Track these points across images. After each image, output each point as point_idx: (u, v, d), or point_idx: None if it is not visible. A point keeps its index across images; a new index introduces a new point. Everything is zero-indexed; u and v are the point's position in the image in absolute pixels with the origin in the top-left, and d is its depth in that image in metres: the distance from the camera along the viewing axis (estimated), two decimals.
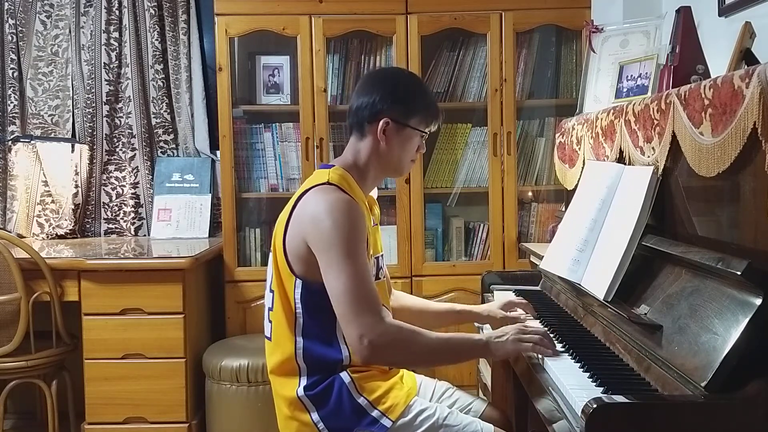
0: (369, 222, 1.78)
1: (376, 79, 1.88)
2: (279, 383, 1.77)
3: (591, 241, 1.95)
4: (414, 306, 2.13)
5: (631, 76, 2.33)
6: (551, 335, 1.81)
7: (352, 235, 1.63)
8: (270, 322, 1.79)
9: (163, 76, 3.58)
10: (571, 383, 1.51)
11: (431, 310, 2.13)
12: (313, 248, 1.66)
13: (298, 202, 1.73)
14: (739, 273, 1.31)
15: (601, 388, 1.45)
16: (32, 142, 3.53)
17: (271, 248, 1.78)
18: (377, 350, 1.60)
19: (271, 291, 1.77)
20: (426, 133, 1.85)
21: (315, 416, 1.71)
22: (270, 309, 1.78)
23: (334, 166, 1.80)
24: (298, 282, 1.71)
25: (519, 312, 2.08)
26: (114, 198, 3.64)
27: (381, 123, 1.77)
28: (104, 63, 3.55)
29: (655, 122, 1.73)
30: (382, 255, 1.90)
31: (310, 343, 1.72)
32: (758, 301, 1.29)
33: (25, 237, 3.51)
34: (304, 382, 1.72)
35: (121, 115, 3.62)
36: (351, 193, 1.73)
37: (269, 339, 1.80)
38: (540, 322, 2.01)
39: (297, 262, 1.71)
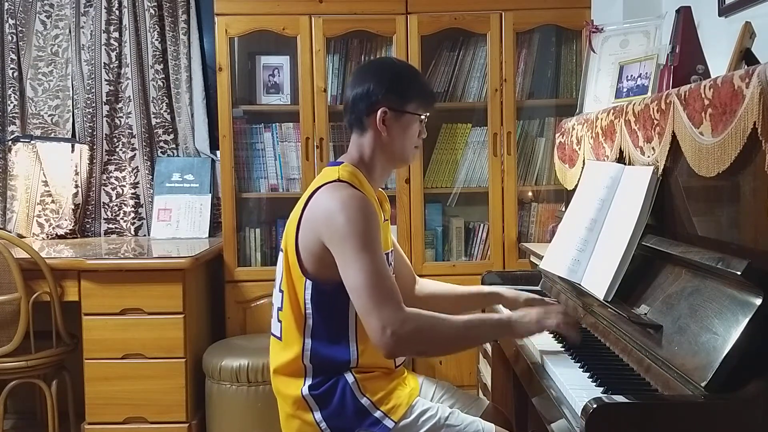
0: (380, 218, 1.78)
1: (367, 71, 1.87)
2: (283, 382, 1.77)
3: (591, 241, 1.95)
4: (440, 291, 2.13)
5: (631, 76, 2.33)
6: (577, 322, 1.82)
7: (366, 229, 1.63)
8: (280, 321, 1.78)
9: (163, 76, 3.58)
10: (571, 383, 1.51)
11: (458, 294, 2.13)
12: (329, 245, 1.65)
13: (309, 200, 1.73)
14: (739, 273, 1.31)
15: (601, 388, 1.46)
16: (32, 142, 3.53)
17: (282, 248, 1.78)
18: (401, 340, 1.58)
19: (281, 291, 1.77)
20: (424, 117, 1.84)
21: (318, 416, 1.71)
22: (279, 309, 1.78)
23: (342, 163, 1.80)
24: (309, 283, 1.71)
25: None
26: (114, 198, 3.64)
27: (379, 113, 1.77)
28: (104, 63, 3.55)
29: (655, 122, 1.74)
30: (392, 251, 1.90)
31: (317, 345, 1.72)
32: (758, 301, 1.29)
33: (25, 237, 3.51)
34: (309, 381, 1.72)
35: (121, 115, 3.62)
36: (362, 189, 1.73)
37: (279, 339, 1.79)
38: None
39: (310, 261, 1.70)
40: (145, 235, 3.62)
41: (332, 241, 1.64)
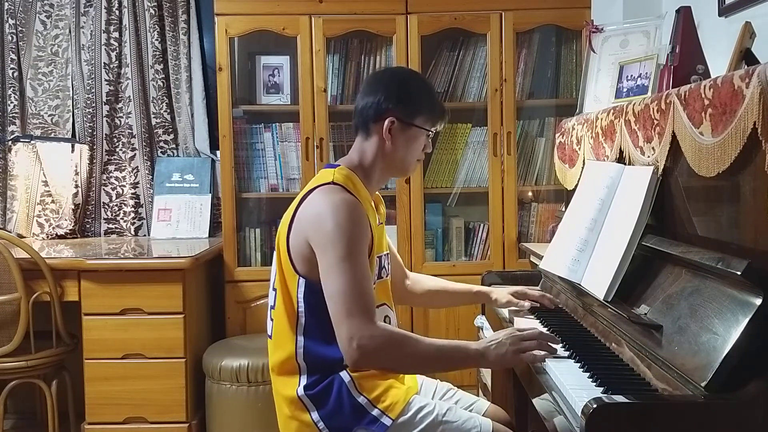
0: (374, 221, 1.78)
1: (381, 78, 1.88)
2: (279, 382, 1.77)
3: (591, 241, 1.95)
4: (433, 287, 2.16)
5: (631, 76, 2.33)
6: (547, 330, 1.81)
7: (353, 237, 1.63)
8: (272, 320, 1.79)
9: (163, 76, 3.58)
10: (571, 383, 1.51)
11: (449, 290, 2.17)
12: (314, 248, 1.66)
13: (303, 201, 1.73)
14: (739, 273, 1.31)
15: (601, 388, 1.45)
16: (32, 142, 3.53)
17: (275, 247, 1.79)
18: (366, 354, 1.59)
19: (274, 289, 1.78)
20: (431, 132, 1.85)
21: (315, 415, 1.71)
22: (272, 307, 1.79)
23: (339, 165, 1.80)
24: (302, 281, 1.71)
25: (523, 304, 2.11)
26: (114, 198, 3.64)
27: (386, 122, 1.77)
28: (104, 63, 3.55)
29: (655, 122, 1.73)
30: (386, 254, 1.90)
31: (310, 343, 1.72)
32: (758, 301, 1.29)
33: (25, 237, 3.51)
34: (304, 381, 1.72)
35: (121, 115, 3.62)
36: (355, 193, 1.73)
37: (270, 337, 1.80)
38: (540, 323, 2.01)
39: (300, 261, 1.71)
40: (145, 235, 3.62)
41: (318, 243, 1.65)
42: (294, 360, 1.73)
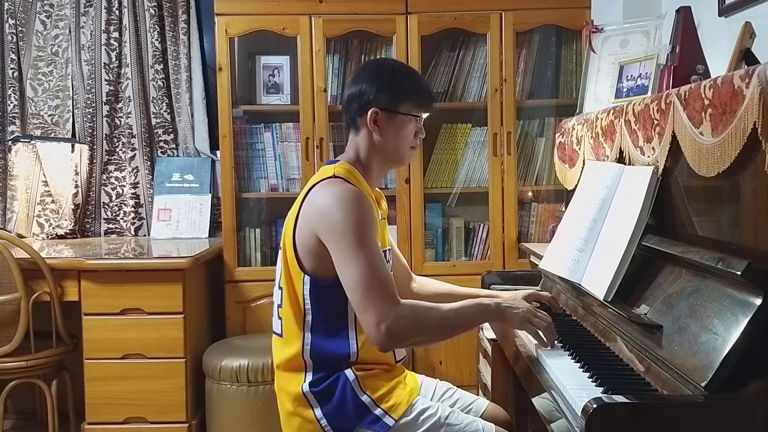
0: (377, 215, 1.78)
1: (362, 71, 1.88)
2: (284, 378, 1.78)
3: (591, 241, 1.95)
4: (439, 290, 2.16)
5: (631, 76, 2.33)
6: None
7: (362, 224, 1.64)
8: (280, 318, 1.80)
9: (163, 76, 3.58)
10: (571, 383, 1.51)
11: (457, 294, 2.16)
12: (325, 240, 1.66)
13: (306, 197, 1.74)
14: (739, 273, 1.31)
15: (601, 388, 1.46)
16: (32, 142, 3.53)
17: (281, 245, 1.79)
18: (395, 335, 1.60)
19: (280, 288, 1.79)
20: (419, 117, 1.84)
21: (318, 412, 1.72)
22: (279, 306, 1.80)
23: (339, 161, 1.81)
24: (307, 278, 1.72)
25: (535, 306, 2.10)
26: (114, 198, 3.64)
27: (370, 113, 1.78)
28: (104, 63, 3.55)
29: (655, 122, 1.74)
30: (389, 249, 1.91)
31: (317, 339, 1.73)
32: (758, 301, 1.29)
33: (25, 237, 3.51)
34: (309, 377, 1.73)
35: (121, 115, 3.62)
36: (358, 186, 1.74)
37: (280, 335, 1.80)
38: None
39: (307, 257, 1.71)
40: (145, 235, 3.62)
41: (328, 237, 1.66)
42: (300, 357, 1.74)
